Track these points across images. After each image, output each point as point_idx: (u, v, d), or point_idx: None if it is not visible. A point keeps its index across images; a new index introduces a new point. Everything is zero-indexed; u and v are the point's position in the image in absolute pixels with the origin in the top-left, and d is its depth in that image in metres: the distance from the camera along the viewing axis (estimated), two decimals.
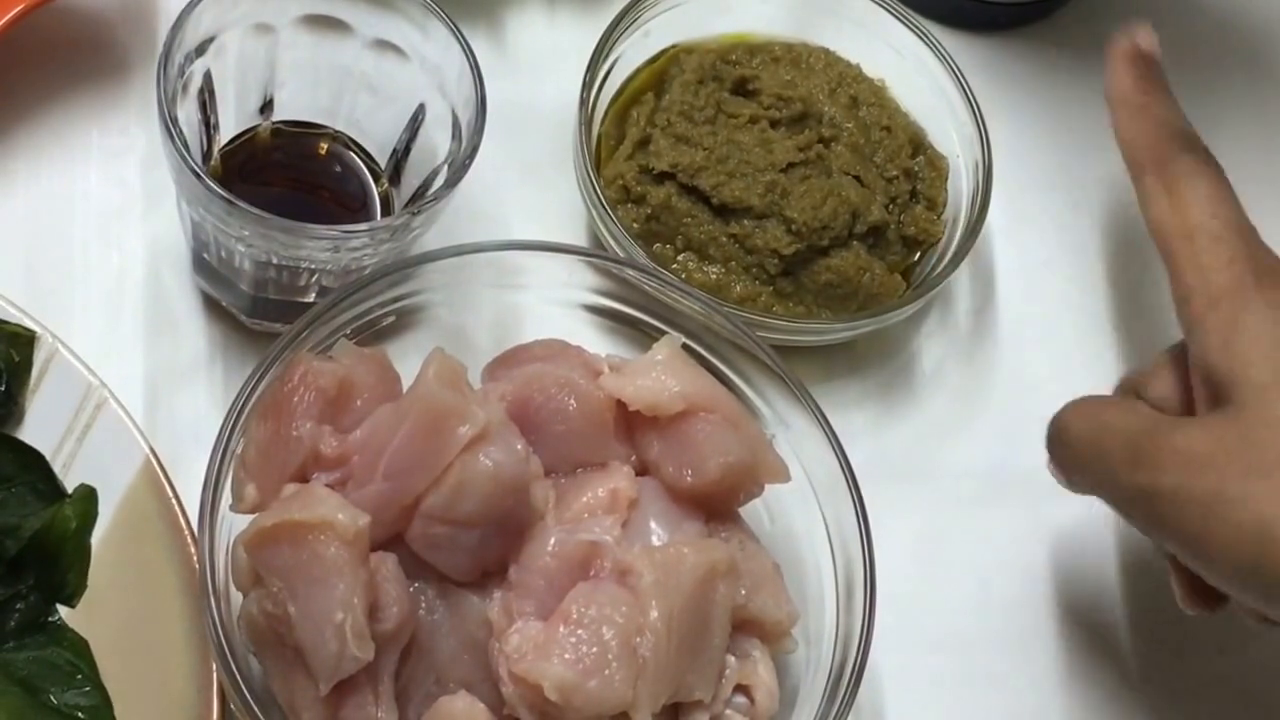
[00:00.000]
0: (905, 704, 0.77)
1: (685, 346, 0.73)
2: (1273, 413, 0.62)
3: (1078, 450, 0.67)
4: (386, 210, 0.78)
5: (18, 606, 0.70)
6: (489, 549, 0.66)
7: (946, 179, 0.85)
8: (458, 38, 0.74)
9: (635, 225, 0.81)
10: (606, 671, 0.63)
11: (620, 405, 0.70)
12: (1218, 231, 0.66)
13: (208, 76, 0.75)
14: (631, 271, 0.75)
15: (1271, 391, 0.62)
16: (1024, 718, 0.79)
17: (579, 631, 0.64)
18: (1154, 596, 0.81)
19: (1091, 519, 0.83)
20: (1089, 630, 0.81)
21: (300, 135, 0.79)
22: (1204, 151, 0.70)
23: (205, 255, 0.75)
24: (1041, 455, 0.83)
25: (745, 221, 0.80)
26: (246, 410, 0.68)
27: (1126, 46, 0.73)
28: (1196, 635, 0.81)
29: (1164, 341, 0.88)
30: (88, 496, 0.70)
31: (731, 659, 0.69)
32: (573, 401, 0.70)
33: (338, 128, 0.79)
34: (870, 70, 0.86)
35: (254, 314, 0.77)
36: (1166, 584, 0.79)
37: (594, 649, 0.64)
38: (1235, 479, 0.61)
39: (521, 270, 0.75)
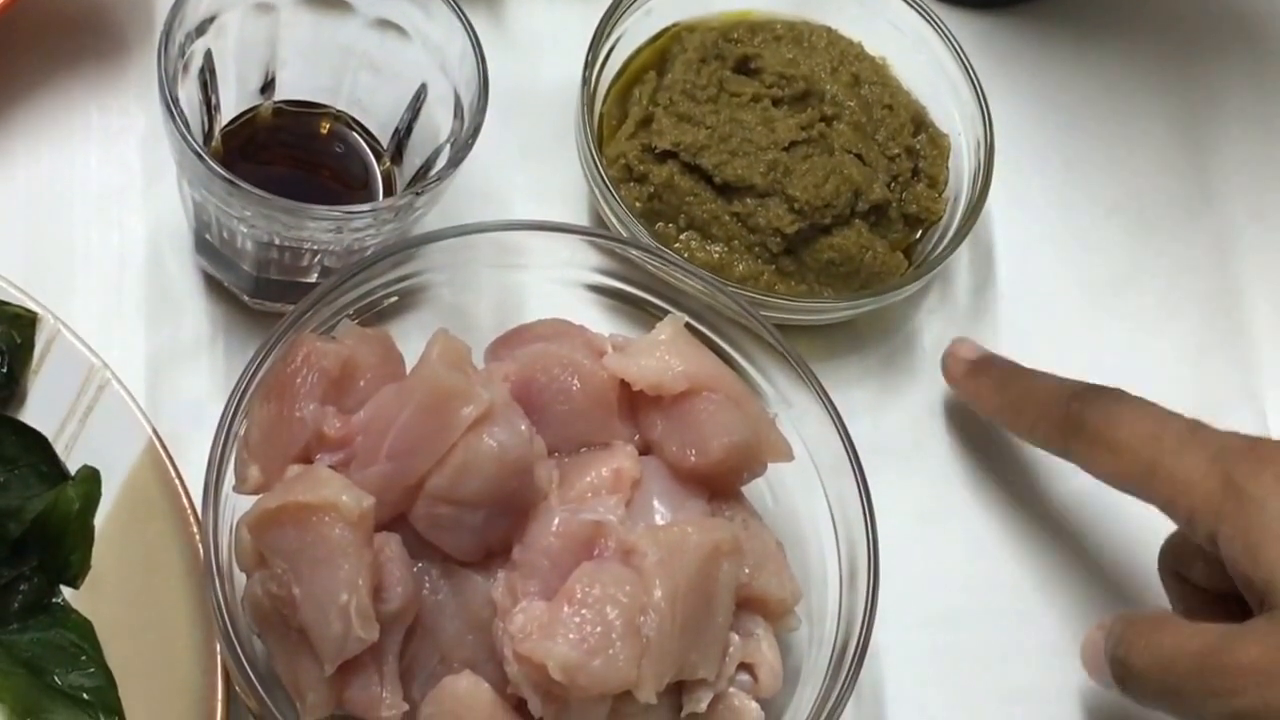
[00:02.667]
0: (904, 680, 0.78)
1: (688, 325, 0.73)
2: None
3: (1147, 686, 0.67)
4: (389, 190, 0.78)
5: (21, 588, 0.70)
6: (493, 529, 0.66)
7: (948, 157, 0.85)
8: (459, 16, 0.73)
9: (638, 204, 0.80)
10: (611, 651, 0.63)
11: (623, 385, 0.70)
12: (1174, 446, 0.68)
13: (208, 56, 0.74)
14: (634, 251, 0.75)
15: None
16: (1024, 694, 0.79)
17: (583, 611, 0.64)
18: (1151, 572, 0.82)
19: (1090, 495, 0.83)
20: (1088, 606, 0.81)
21: (302, 115, 0.79)
22: (1096, 388, 0.72)
23: (207, 236, 0.75)
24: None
25: (747, 200, 0.80)
26: (249, 391, 0.67)
27: (959, 369, 0.79)
28: None
29: (1163, 321, 0.88)
30: (91, 478, 0.70)
31: (735, 637, 0.69)
32: (576, 381, 0.70)
33: (339, 107, 0.79)
34: (872, 48, 0.86)
35: (256, 294, 0.77)
36: None
37: (598, 628, 0.64)
38: None
39: (524, 250, 0.74)
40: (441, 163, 0.74)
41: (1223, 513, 0.66)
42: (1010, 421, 0.76)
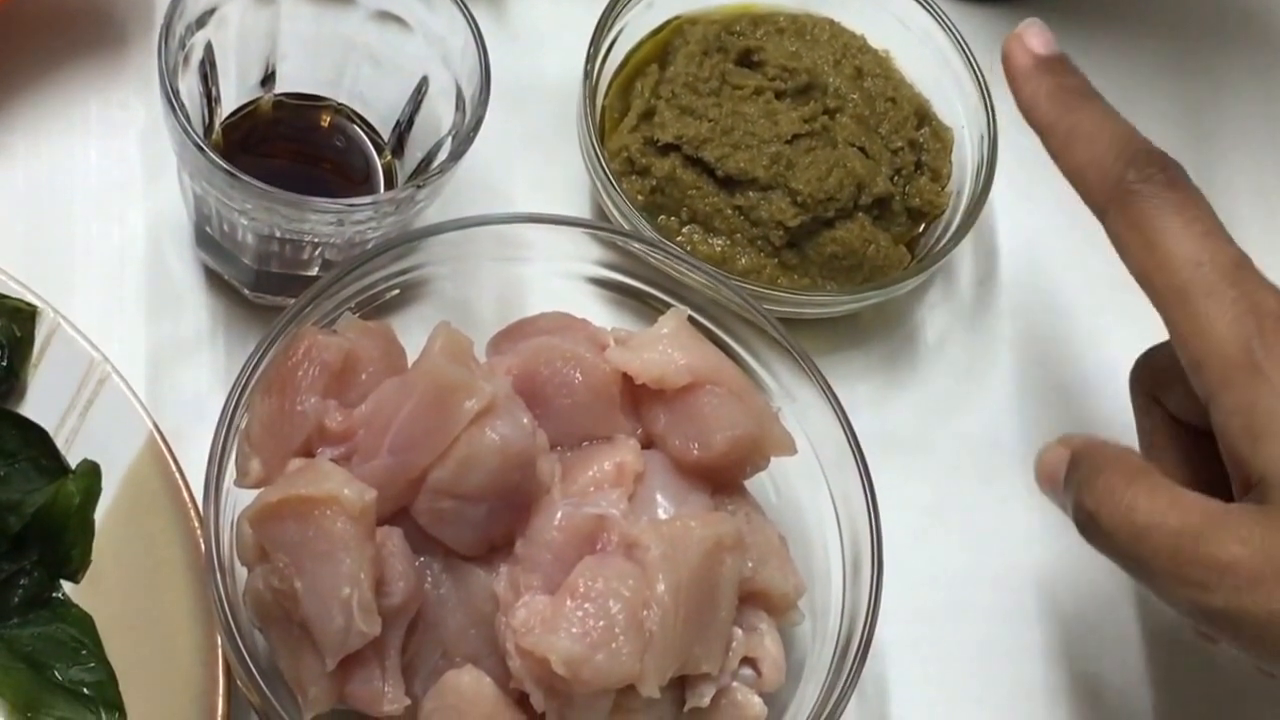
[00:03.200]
0: (908, 675, 0.77)
1: (691, 319, 0.72)
2: None
3: (1113, 548, 0.62)
4: (390, 183, 0.77)
5: (22, 583, 0.69)
6: (495, 523, 0.66)
7: (951, 150, 0.85)
8: (461, 9, 0.73)
9: (640, 197, 0.80)
10: (614, 645, 0.63)
11: (626, 378, 0.70)
12: (1210, 285, 0.61)
13: (209, 48, 0.74)
14: (636, 244, 0.75)
15: None
16: (1028, 690, 0.78)
17: (586, 605, 0.64)
18: None
19: None
20: (1092, 602, 0.81)
21: (303, 107, 0.79)
22: (1162, 165, 0.64)
23: (207, 229, 0.75)
24: (1042, 428, 0.84)
25: (750, 193, 0.80)
26: (250, 385, 0.67)
27: (1023, 61, 0.68)
28: None
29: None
30: (91, 472, 0.70)
31: (738, 632, 0.68)
32: (578, 375, 0.70)
33: (340, 100, 0.78)
34: (875, 41, 0.86)
35: (257, 288, 0.77)
36: None
37: (601, 622, 0.63)
38: None
39: (526, 243, 0.74)
40: (443, 156, 0.74)
41: (1231, 380, 0.60)
42: (1057, 148, 0.66)
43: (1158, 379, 0.69)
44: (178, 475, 0.70)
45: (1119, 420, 0.85)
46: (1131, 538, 0.60)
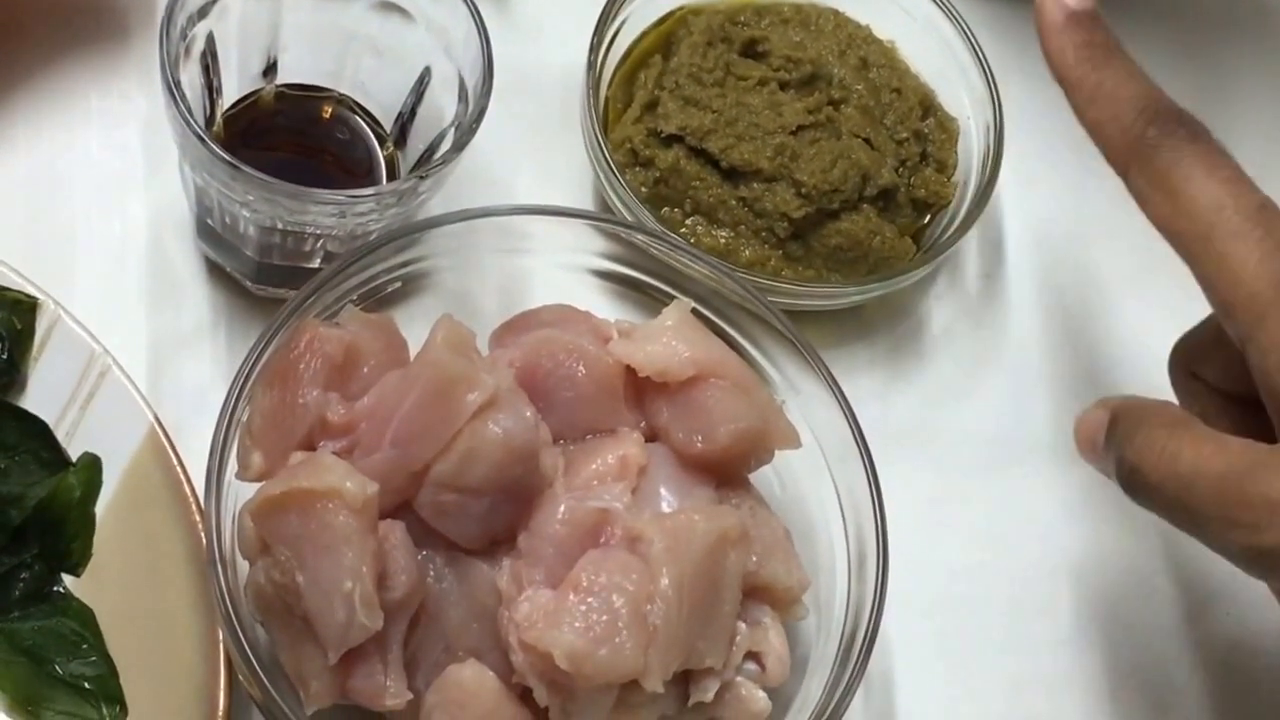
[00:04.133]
0: (911, 667, 0.77)
1: (694, 311, 0.72)
2: None
3: (1161, 501, 0.61)
4: (392, 174, 0.77)
5: (22, 576, 0.69)
6: (498, 516, 0.66)
7: (957, 141, 0.84)
8: None
9: (643, 189, 0.80)
10: (617, 640, 0.63)
11: (629, 371, 0.70)
12: (1235, 227, 0.61)
13: (210, 39, 0.74)
14: (640, 236, 0.75)
15: None
16: (1032, 682, 0.78)
17: (589, 599, 0.63)
18: (1162, 557, 0.81)
19: (1099, 482, 0.82)
20: (1097, 593, 0.80)
21: (304, 99, 0.78)
22: (1184, 122, 0.64)
23: (209, 221, 0.75)
24: (1049, 421, 0.83)
25: (754, 184, 0.79)
26: (252, 377, 0.67)
27: (1055, 15, 0.67)
28: (1206, 600, 0.81)
29: (1177, 307, 0.88)
30: (92, 465, 0.70)
31: (742, 626, 0.68)
32: (581, 367, 0.69)
33: (342, 91, 0.78)
34: (880, 31, 0.86)
35: (259, 280, 0.76)
36: (1174, 544, 0.79)
37: (604, 617, 0.63)
38: None
39: (529, 235, 0.74)
40: (445, 147, 0.73)
41: (1265, 317, 0.59)
42: (1080, 103, 0.66)
43: (1193, 354, 0.69)
44: (179, 468, 0.70)
45: None
46: (1178, 487, 0.60)
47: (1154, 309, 0.88)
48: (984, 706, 0.78)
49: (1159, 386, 0.86)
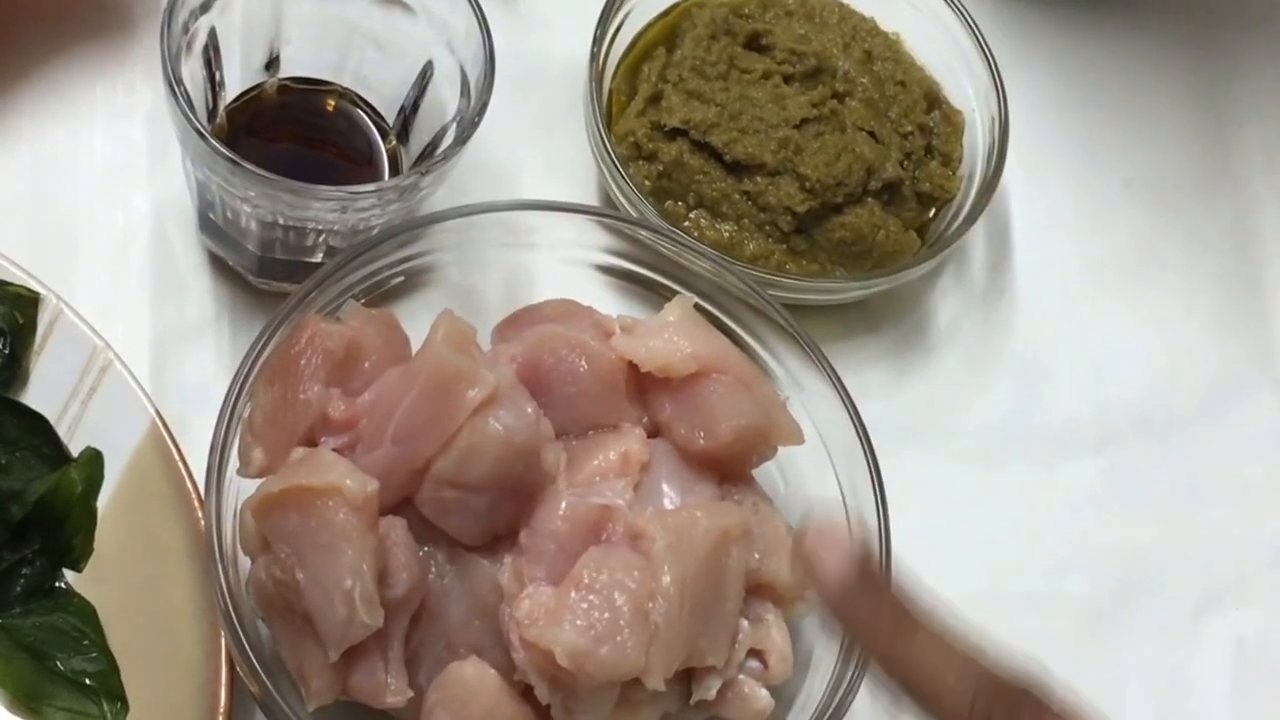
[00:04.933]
0: None
1: (697, 306, 0.72)
2: None
3: None
4: (395, 168, 0.77)
5: (24, 572, 0.69)
6: (499, 513, 0.66)
7: (962, 134, 0.84)
8: None
9: (647, 183, 0.80)
10: (619, 638, 0.63)
11: (632, 367, 0.70)
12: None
13: (213, 33, 0.74)
14: (643, 230, 0.74)
15: None
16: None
17: (590, 597, 0.63)
18: (1171, 550, 0.81)
19: (1104, 476, 0.82)
20: (1105, 586, 0.80)
21: (307, 92, 0.78)
22: (1000, 694, 0.57)
23: (211, 215, 0.75)
24: (1055, 414, 0.83)
25: (758, 178, 0.79)
26: (253, 373, 0.67)
27: (825, 578, 0.58)
28: (1216, 594, 0.81)
29: (1183, 300, 0.88)
30: (93, 460, 0.70)
31: (745, 623, 0.68)
32: (584, 363, 0.69)
33: (345, 84, 0.78)
34: (885, 24, 0.85)
35: (261, 274, 0.76)
36: (1182, 537, 0.79)
37: (606, 615, 0.63)
38: None
39: (531, 230, 0.74)
40: (448, 141, 0.73)
41: None
42: (904, 696, 0.57)
43: None
44: (180, 464, 0.70)
45: (1135, 406, 0.85)
46: None
47: (1158, 299, 0.88)
48: None
49: (1163, 378, 0.86)
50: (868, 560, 0.59)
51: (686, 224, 0.79)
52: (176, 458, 0.70)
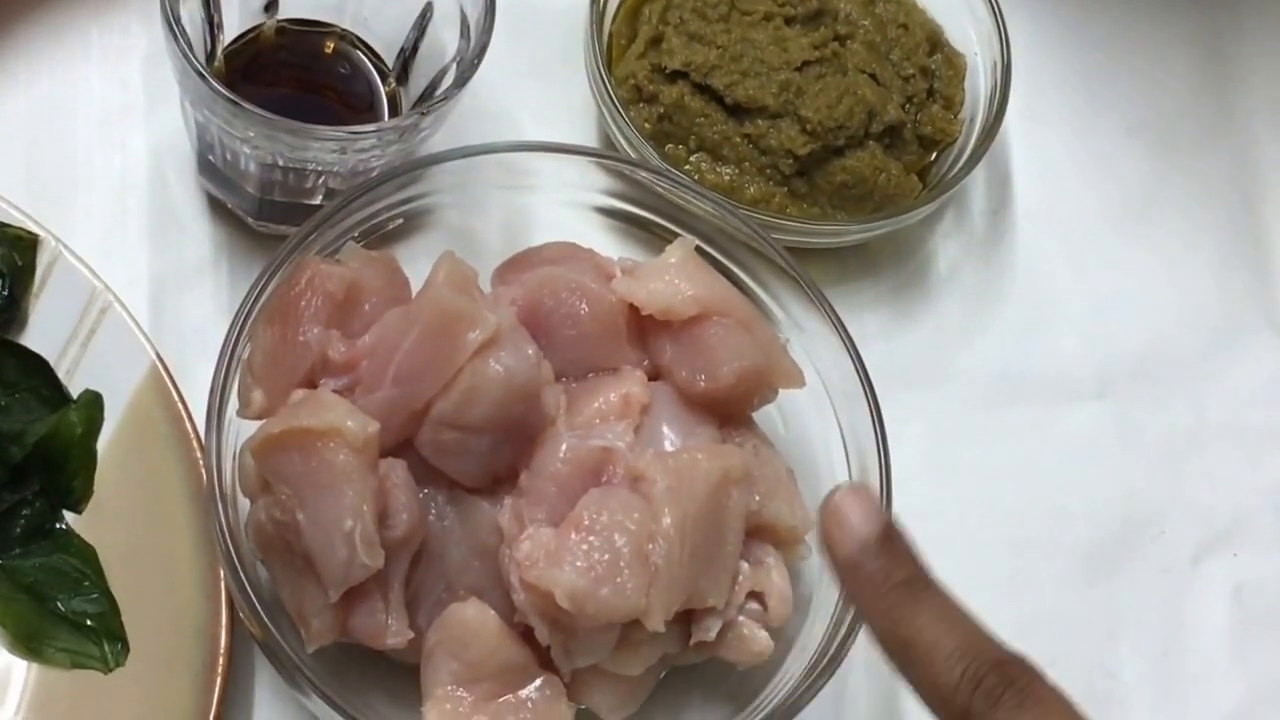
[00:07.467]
0: None
1: (698, 249, 0.72)
2: None
3: None
4: (394, 110, 0.77)
5: (24, 513, 0.69)
6: (500, 455, 0.66)
7: (964, 78, 0.84)
8: None
9: (647, 125, 0.79)
10: (619, 579, 0.63)
11: (632, 309, 0.69)
12: None
13: None
14: (643, 173, 0.74)
15: None
16: (1036, 620, 0.78)
17: (591, 538, 0.63)
18: (1170, 497, 0.81)
19: (1103, 421, 0.82)
20: (1104, 532, 0.80)
21: (306, 34, 0.78)
22: (1011, 680, 0.56)
23: (210, 157, 0.74)
24: (1055, 358, 0.83)
25: (759, 121, 0.79)
26: (253, 315, 0.67)
27: (847, 548, 0.58)
28: (1214, 540, 0.81)
29: (1185, 243, 0.87)
30: (93, 402, 0.70)
31: (745, 565, 0.68)
32: (584, 305, 0.69)
33: (344, 26, 0.78)
34: None
35: (260, 216, 0.76)
36: (1182, 483, 0.79)
37: (606, 556, 0.63)
38: None
39: (532, 172, 0.73)
40: (447, 83, 0.73)
41: None
42: (895, 659, 0.57)
43: None
44: (180, 406, 0.70)
45: (1135, 351, 0.84)
46: None
47: (1159, 244, 0.87)
48: None
49: (1164, 323, 0.86)
50: (893, 525, 0.59)
51: (687, 167, 0.79)
52: (176, 399, 0.70)
